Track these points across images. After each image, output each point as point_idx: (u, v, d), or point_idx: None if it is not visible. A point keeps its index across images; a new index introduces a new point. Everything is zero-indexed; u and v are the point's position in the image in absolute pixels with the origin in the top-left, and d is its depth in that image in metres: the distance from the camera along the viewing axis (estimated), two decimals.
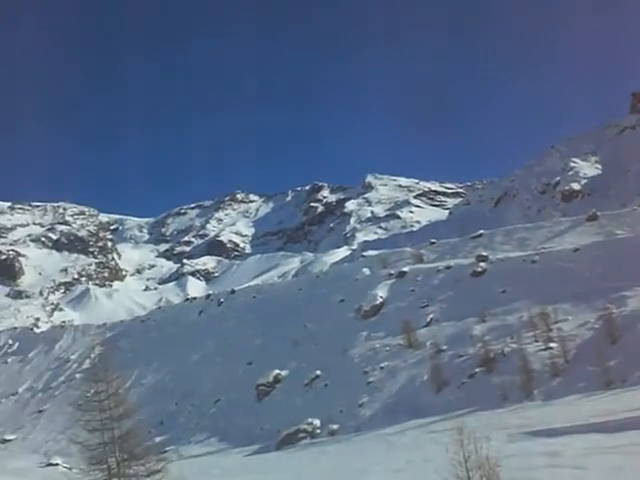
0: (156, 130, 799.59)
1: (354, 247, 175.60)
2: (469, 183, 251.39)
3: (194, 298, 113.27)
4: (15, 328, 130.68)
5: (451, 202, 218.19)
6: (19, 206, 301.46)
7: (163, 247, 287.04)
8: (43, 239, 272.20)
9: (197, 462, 42.67)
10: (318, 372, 50.54)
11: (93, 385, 23.74)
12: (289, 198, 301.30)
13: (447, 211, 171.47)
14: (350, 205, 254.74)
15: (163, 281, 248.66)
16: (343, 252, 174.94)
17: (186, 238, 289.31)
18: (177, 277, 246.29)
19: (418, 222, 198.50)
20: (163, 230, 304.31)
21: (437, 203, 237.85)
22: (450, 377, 38.66)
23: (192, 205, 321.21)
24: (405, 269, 61.76)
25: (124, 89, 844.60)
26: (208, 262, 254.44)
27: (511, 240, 64.98)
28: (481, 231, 69.20)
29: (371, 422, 38.43)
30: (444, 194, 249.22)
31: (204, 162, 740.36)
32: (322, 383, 49.28)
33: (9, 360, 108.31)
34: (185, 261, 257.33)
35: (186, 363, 73.62)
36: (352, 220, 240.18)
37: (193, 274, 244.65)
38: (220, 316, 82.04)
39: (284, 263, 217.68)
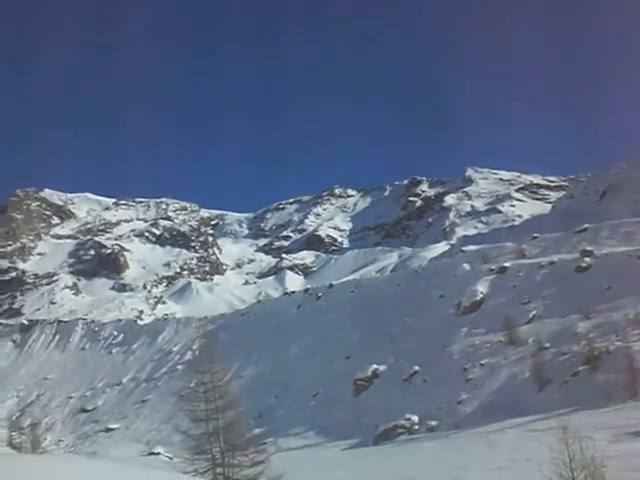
0: (256, 126, 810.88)
1: (453, 242, 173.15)
2: (572, 176, 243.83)
3: (293, 292, 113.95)
4: (120, 320, 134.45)
5: (554, 195, 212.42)
6: (123, 202, 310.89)
7: (262, 242, 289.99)
8: (146, 234, 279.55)
9: (295, 455, 42.79)
10: (417, 368, 49.96)
11: (198, 376, 24.14)
12: (387, 193, 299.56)
13: (550, 205, 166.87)
14: (449, 199, 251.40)
15: (262, 275, 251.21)
16: (442, 247, 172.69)
17: (285, 233, 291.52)
18: (276, 271, 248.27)
19: (520, 216, 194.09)
20: (262, 225, 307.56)
21: (539, 197, 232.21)
22: (552, 375, 37.48)
23: (291, 200, 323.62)
24: (506, 264, 60.40)
25: (223, 85, 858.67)
26: (306, 257, 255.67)
27: (617, 234, 62.71)
28: (585, 225, 67.00)
29: (470, 419, 37.66)
30: (547, 187, 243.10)
31: (303, 158, 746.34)
32: (420, 379, 48.68)
33: (114, 351, 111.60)
34: (284, 255, 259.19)
35: (285, 356, 74.03)
36: (451, 214, 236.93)
37: (291, 268, 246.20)
38: (318, 310, 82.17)
39: (382, 258, 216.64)
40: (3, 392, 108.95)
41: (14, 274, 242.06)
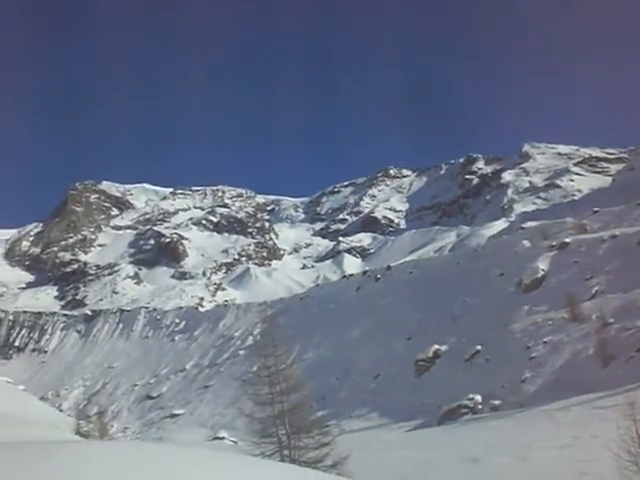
0: (308, 110, 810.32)
1: (512, 219, 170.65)
2: (632, 147, 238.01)
3: (351, 275, 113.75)
4: (181, 308, 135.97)
5: (614, 168, 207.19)
6: (180, 191, 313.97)
7: (319, 226, 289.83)
8: (204, 222, 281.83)
9: (358, 436, 42.79)
10: (478, 347, 49.53)
11: (261, 360, 24.28)
12: (443, 171, 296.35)
13: (610, 178, 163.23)
14: (507, 176, 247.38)
15: (320, 259, 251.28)
16: (501, 224, 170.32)
17: (341, 216, 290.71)
18: (333, 255, 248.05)
19: (579, 191, 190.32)
20: (318, 209, 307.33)
21: (599, 170, 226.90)
22: (617, 351, 36.76)
23: (345, 183, 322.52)
24: (567, 240, 59.35)
25: (276, 69, 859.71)
26: (363, 239, 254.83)
27: None
28: None
29: (534, 398, 37.19)
30: (606, 160, 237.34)
31: (356, 139, 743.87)
32: (483, 358, 48.24)
33: (176, 338, 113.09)
34: (340, 239, 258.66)
35: (345, 339, 74.07)
36: (509, 191, 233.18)
37: (349, 251, 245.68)
38: (377, 292, 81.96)
39: (440, 238, 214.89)
40: (70, 381, 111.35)
41: (76, 266, 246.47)
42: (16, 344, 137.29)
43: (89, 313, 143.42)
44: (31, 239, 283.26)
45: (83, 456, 4.68)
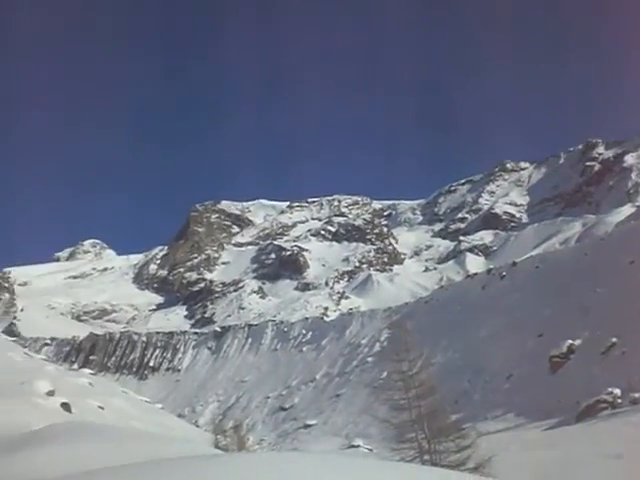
0: (421, 112, 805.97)
1: (638, 203, 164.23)
2: None
3: (475, 274, 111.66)
4: (307, 318, 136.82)
5: None
6: (297, 204, 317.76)
7: (437, 227, 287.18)
8: (322, 232, 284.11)
9: (495, 438, 41.55)
10: (614, 339, 47.32)
11: (395, 365, 24.05)
12: (562, 160, 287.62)
13: None
14: (629, 159, 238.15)
15: (441, 260, 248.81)
16: (627, 210, 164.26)
17: (460, 215, 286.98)
18: (455, 255, 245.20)
19: None
20: (436, 210, 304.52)
21: None
22: None
23: (462, 181, 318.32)
24: None
25: (391, 74, 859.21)
26: (485, 236, 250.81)
27: None
28: None
29: None
30: None
31: (470, 137, 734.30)
32: (619, 350, 46.06)
33: (304, 349, 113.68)
34: (461, 238, 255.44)
35: (474, 340, 72.53)
36: (633, 175, 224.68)
37: (471, 250, 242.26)
38: (504, 290, 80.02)
39: (565, 229, 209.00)
40: (204, 397, 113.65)
41: (203, 285, 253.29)
42: (151, 364, 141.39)
43: (218, 330, 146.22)
44: (158, 262, 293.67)
45: (233, 468, 4.50)
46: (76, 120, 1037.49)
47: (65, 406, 22.48)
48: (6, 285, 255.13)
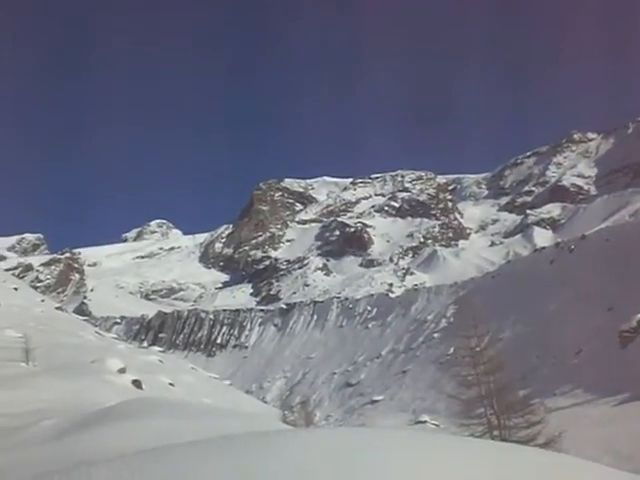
0: (486, 84, 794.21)
1: None
2: None
3: (543, 248, 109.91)
4: (372, 295, 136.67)
5: None
6: (360, 180, 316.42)
7: (504, 200, 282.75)
8: (386, 208, 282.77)
9: (565, 414, 40.90)
10: None
11: (463, 341, 23.86)
12: (630, 130, 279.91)
13: None
14: None
15: (508, 234, 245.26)
16: None
17: (526, 188, 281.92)
18: (522, 229, 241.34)
19: None
20: (501, 183, 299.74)
21: None
22: None
23: (528, 153, 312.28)
24: None
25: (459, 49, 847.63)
26: (552, 209, 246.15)
27: None
28: None
29: None
30: None
31: (536, 107, 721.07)
32: None
33: (370, 325, 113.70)
34: (528, 211, 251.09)
35: (542, 315, 71.39)
36: None
37: (538, 224, 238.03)
38: (572, 264, 78.47)
39: (634, 200, 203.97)
40: (271, 374, 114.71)
41: (268, 262, 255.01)
42: (218, 341, 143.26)
43: (284, 307, 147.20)
44: (223, 241, 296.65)
45: (305, 443, 4.33)
46: (145, 105, 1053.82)
47: (136, 383, 22.69)
48: (76, 266, 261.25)
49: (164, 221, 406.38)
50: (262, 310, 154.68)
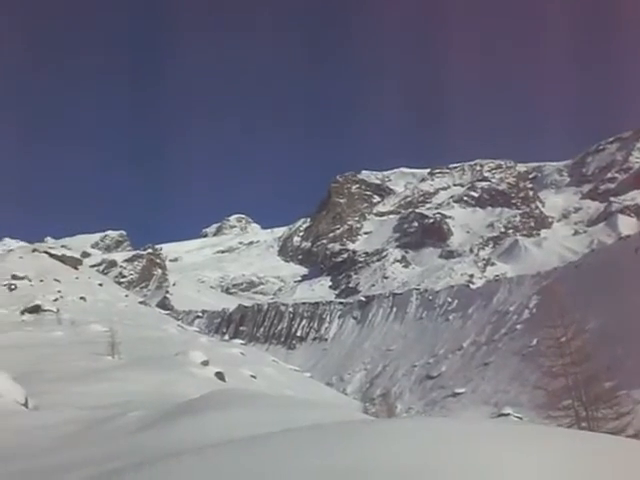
0: (570, 73, 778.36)
1: None
2: None
3: (628, 236, 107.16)
4: (452, 286, 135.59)
5: None
6: (438, 170, 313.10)
7: (586, 188, 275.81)
8: (465, 198, 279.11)
9: None
10: None
11: (549, 331, 23.52)
12: None
13: None
14: None
15: (591, 223, 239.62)
16: None
17: (609, 175, 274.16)
18: (605, 217, 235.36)
19: None
20: (584, 170, 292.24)
21: None
22: None
23: (610, 139, 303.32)
24: None
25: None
26: (637, 196, 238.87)
27: None
28: None
29: None
30: None
31: (618, 92, 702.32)
32: None
33: (450, 317, 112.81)
34: (612, 199, 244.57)
35: (628, 305, 69.62)
36: None
37: (622, 211, 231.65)
38: None
39: None
40: (351, 366, 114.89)
41: (346, 255, 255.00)
42: (298, 334, 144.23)
43: (363, 299, 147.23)
44: (301, 234, 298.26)
45: (393, 432, 4.28)
46: (224, 100, 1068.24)
47: (219, 375, 22.97)
48: (158, 261, 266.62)
49: (243, 216, 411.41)
50: (341, 303, 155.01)
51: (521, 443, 4.50)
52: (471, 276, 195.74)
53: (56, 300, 57.46)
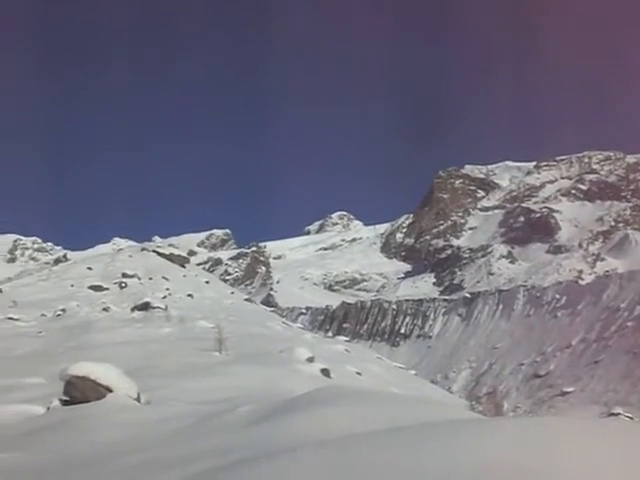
0: None
1: None
2: None
3: None
4: (560, 283, 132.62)
5: None
6: (544, 163, 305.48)
7: None
8: (573, 191, 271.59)
9: None
10: None
11: None
12: None
13: None
14: None
15: None
16: None
17: None
18: None
19: None
20: None
21: None
22: None
23: None
24: None
25: None
26: None
27: None
28: None
29: None
30: None
31: None
32: None
33: (558, 314, 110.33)
34: None
35: None
36: None
37: None
38: None
39: None
40: (456, 364, 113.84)
41: (450, 251, 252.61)
42: (402, 331, 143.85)
43: (468, 296, 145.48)
44: (404, 231, 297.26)
45: (506, 431, 4.28)
46: (322, 95, 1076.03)
47: (325, 371, 23.08)
48: (262, 259, 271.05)
49: (345, 213, 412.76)
50: (445, 300, 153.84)
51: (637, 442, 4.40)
52: (580, 272, 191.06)
53: (164, 297, 58.99)
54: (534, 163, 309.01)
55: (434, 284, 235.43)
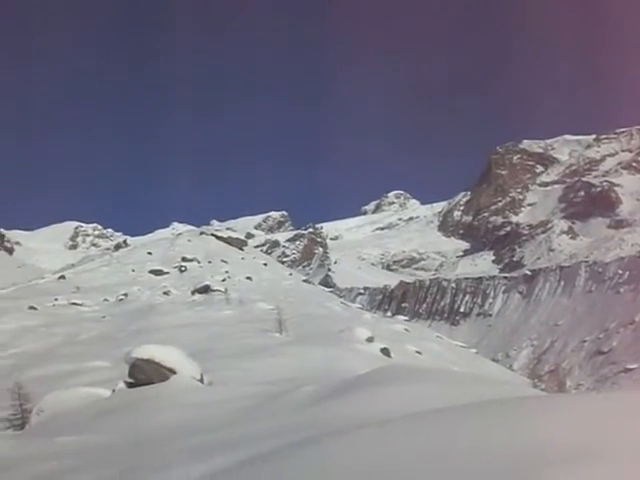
0: None
1: None
2: None
3: None
4: (622, 258, 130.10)
5: None
6: (604, 136, 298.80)
7: None
8: (634, 164, 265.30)
9: None
10: None
11: None
12: None
13: None
14: None
15: None
16: None
17: None
18: None
19: None
20: None
21: None
22: None
23: None
24: None
25: None
26: None
27: None
28: None
29: None
30: None
31: None
32: None
33: (621, 290, 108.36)
34: None
35: None
36: None
37: None
38: None
39: None
40: (517, 342, 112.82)
41: (509, 228, 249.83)
42: (461, 310, 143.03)
43: (528, 273, 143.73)
44: (461, 208, 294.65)
45: (573, 407, 4.23)
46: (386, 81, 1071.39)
47: (385, 351, 23.15)
48: (319, 240, 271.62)
49: (401, 192, 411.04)
50: (505, 277, 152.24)
51: None
52: None
53: (224, 280, 59.75)
54: (594, 136, 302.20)
55: (493, 262, 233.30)
